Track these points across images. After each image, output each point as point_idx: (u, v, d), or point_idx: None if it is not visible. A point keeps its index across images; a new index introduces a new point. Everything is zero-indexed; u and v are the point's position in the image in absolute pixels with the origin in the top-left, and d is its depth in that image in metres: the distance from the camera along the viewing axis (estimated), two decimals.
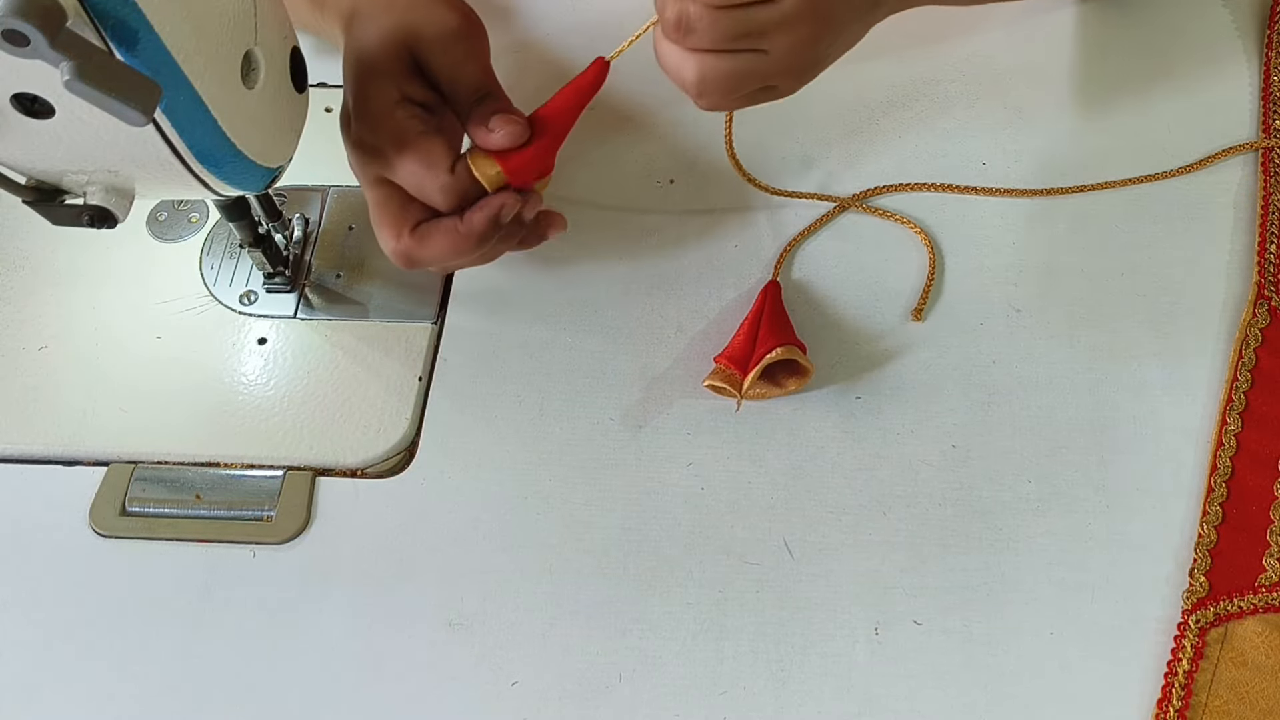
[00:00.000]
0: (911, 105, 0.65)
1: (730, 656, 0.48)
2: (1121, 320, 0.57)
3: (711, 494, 0.52)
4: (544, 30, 0.69)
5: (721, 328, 0.57)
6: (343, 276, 0.59)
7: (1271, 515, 0.51)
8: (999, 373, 0.55)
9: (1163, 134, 0.63)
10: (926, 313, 0.57)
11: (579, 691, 0.48)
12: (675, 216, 0.61)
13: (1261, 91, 0.64)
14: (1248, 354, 0.55)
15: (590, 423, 0.55)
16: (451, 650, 0.49)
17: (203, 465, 0.54)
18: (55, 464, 0.54)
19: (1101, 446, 0.53)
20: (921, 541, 0.51)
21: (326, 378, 0.56)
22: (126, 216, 0.46)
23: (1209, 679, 0.48)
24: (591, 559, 0.51)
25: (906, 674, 0.48)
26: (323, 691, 0.48)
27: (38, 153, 0.43)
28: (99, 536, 0.52)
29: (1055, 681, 0.47)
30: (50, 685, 0.49)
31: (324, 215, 0.61)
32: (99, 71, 0.35)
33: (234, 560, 0.51)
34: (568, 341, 0.57)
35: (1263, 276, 0.57)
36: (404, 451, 0.54)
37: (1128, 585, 0.49)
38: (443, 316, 0.58)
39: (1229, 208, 0.60)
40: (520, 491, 0.53)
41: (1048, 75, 0.65)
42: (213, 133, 0.43)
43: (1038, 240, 0.59)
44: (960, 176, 0.62)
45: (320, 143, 0.64)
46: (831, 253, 0.60)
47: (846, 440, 0.54)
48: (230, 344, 0.57)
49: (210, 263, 0.60)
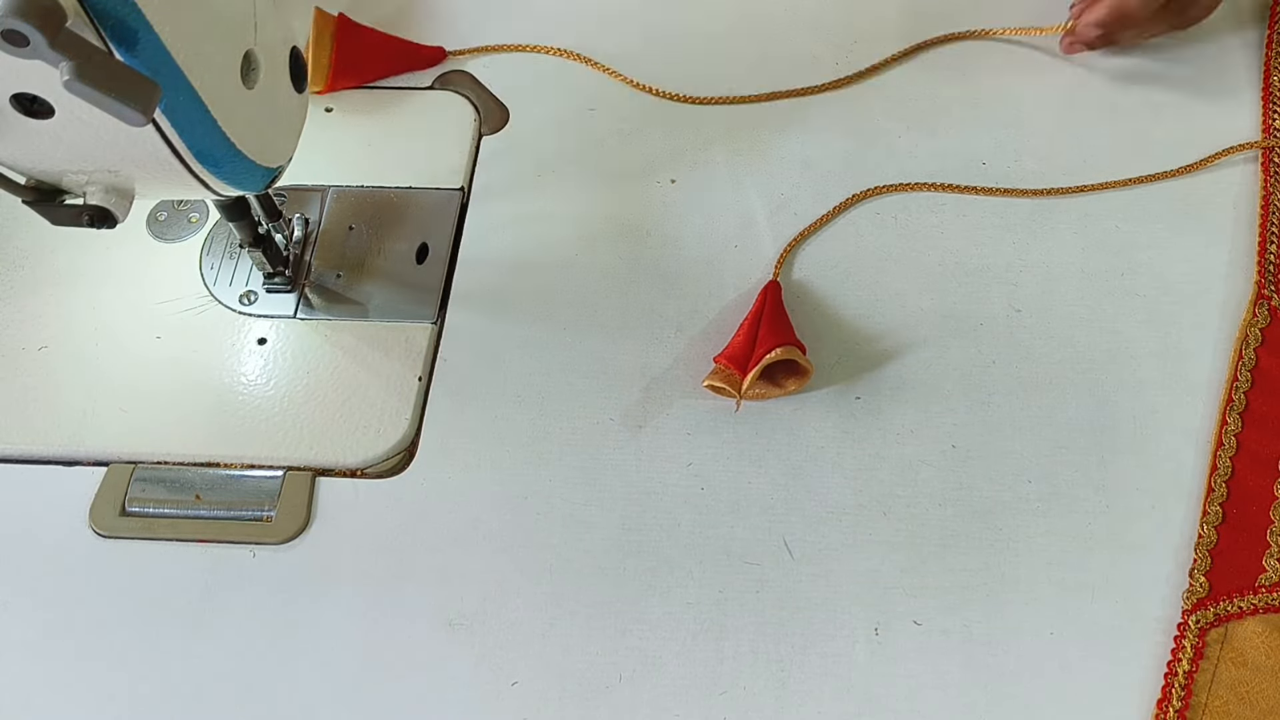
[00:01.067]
0: (911, 105, 0.65)
1: (730, 656, 0.48)
2: (1121, 320, 0.57)
3: (711, 494, 0.52)
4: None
5: (721, 328, 0.57)
6: (343, 276, 0.59)
7: (1271, 515, 0.51)
8: (999, 373, 0.55)
9: (1163, 134, 0.63)
10: (926, 312, 0.57)
11: (579, 691, 0.48)
12: (675, 216, 0.61)
13: (1261, 91, 0.64)
14: (1248, 354, 0.55)
15: (590, 423, 0.55)
16: (451, 650, 0.49)
17: (203, 465, 0.54)
18: (55, 464, 0.54)
19: (1101, 446, 0.53)
20: (921, 541, 0.51)
21: (326, 378, 0.56)
22: (126, 216, 0.46)
23: (1209, 679, 0.48)
24: (591, 559, 0.51)
25: (906, 674, 0.48)
26: (323, 691, 0.48)
27: (38, 153, 0.43)
28: (99, 536, 0.52)
29: (1055, 681, 0.47)
30: (50, 685, 0.49)
31: (324, 215, 0.61)
32: (99, 71, 0.35)
33: (234, 560, 0.51)
34: (568, 341, 0.57)
35: (1263, 276, 0.58)
36: (404, 451, 0.54)
37: (1128, 585, 0.49)
38: (443, 316, 0.58)
39: (1229, 208, 0.60)
40: (520, 491, 0.53)
41: (1048, 75, 0.65)
42: (212, 133, 0.43)
43: (1038, 240, 0.59)
44: (960, 176, 0.62)
45: (320, 143, 0.64)
46: (831, 253, 0.60)
47: (846, 440, 0.54)
48: (230, 344, 0.57)
49: (210, 263, 0.60)
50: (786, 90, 0.65)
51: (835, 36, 0.68)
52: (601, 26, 0.69)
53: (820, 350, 0.56)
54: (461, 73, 0.67)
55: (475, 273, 0.59)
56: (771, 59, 0.67)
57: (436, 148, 0.64)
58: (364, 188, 0.62)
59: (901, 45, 0.67)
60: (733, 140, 0.64)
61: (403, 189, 0.62)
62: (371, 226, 0.61)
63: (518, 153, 0.64)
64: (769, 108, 0.65)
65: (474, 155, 0.64)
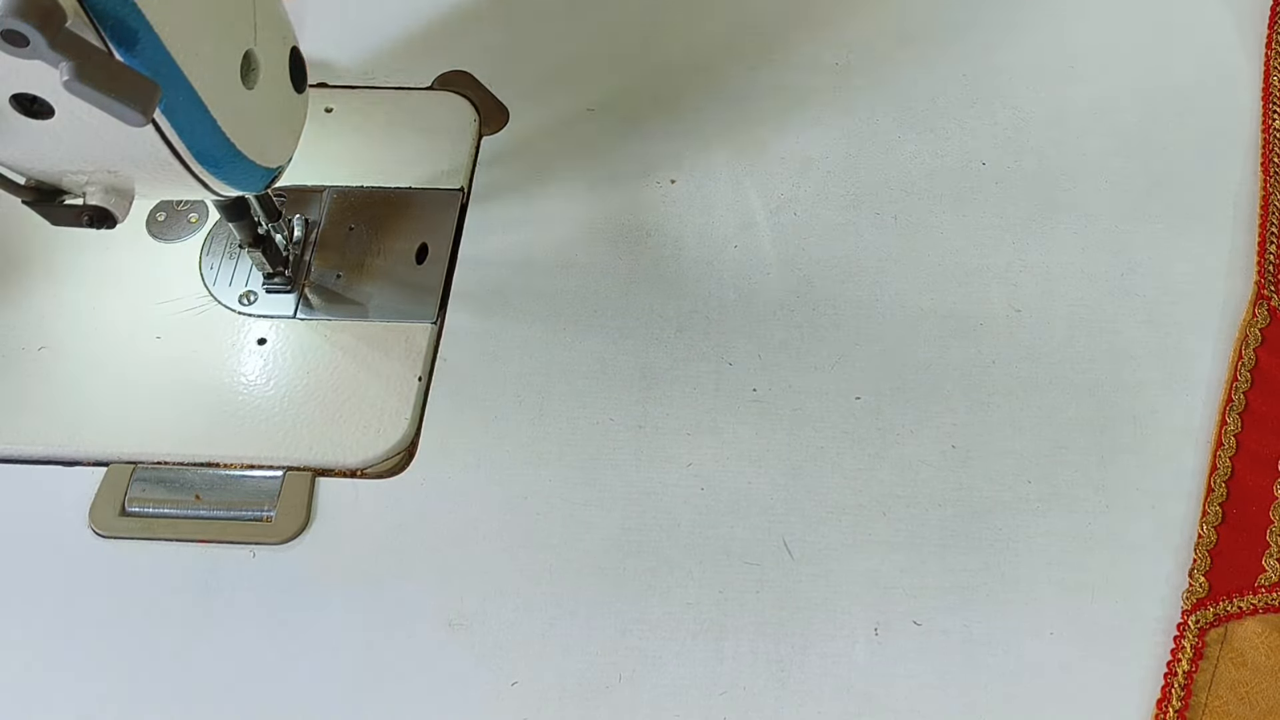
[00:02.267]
0: (911, 105, 0.65)
1: (730, 656, 0.48)
2: (1121, 320, 0.57)
3: (711, 494, 0.52)
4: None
5: (722, 327, 0.57)
6: (343, 276, 0.59)
7: (1271, 515, 0.51)
8: (999, 373, 0.55)
9: (1163, 134, 0.63)
10: (926, 312, 0.57)
11: (579, 691, 0.48)
12: (675, 216, 0.61)
13: (1261, 91, 0.64)
14: (1248, 354, 0.55)
15: (590, 423, 0.55)
16: (451, 650, 0.49)
17: (202, 465, 0.54)
18: (55, 464, 0.54)
19: (1101, 446, 0.53)
20: (921, 541, 0.51)
21: (326, 378, 0.56)
22: (126, 216, 0.46)
23: (1209, 679, 0.48)
24: (591, 559, 0.51)
25: (906, 674, 0.48)
26: (323, 691, 0.48)
27: (37, 153, 0.43)
28: (99, 537, 0.52)
29: (1055, 681, 0.47)
30: (50, 685, 0.49)
31: (324, 215, 0.61)
32: (98, 72, 0.35)
33: (234, 560, 0.51)
34: (568, 341, 0.57)
35: (1263, 276, 0.57)
36: (404, 451, 0.54)
37: (1128, 585, 0.49)
38: (443, 316, 0.58)
39: (1229, 207, 0.60)
40: (520, 491, 0.53)
41: (1048, 75, 0.65)
42: (212, 133, 0.43)
43: (1038, 240, 0.59)
44: (960, 176, 0.62)
45: (320, 143, 0.64)
46: (831, 253, 0.59)
47: (846, 440, 0.54)
48: (230, 344, 0.57)
49: (210, 263, 0.60)
50: (787, 90, 0.65)
51: (835, 36, 0.68)
52: (602, 26, 0.69)
53: (820, 350, 0.56)
54: (461, 73, 0.67)
55: (475, 273, 0.59)
56: (772, 59, 0.67)
57: (436, 148, 0.64)
58: (364, 188, 0.62)
59: (901, 45, 0.67)
60: (733, 140, 0.64)
61: (403, 189, 0.62)
62: (371, 226, 0.61)
63: (518, 153, 0.64)
64: (769, 107, 0.65)
65: (474, 155, 0.64)
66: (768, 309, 0.58)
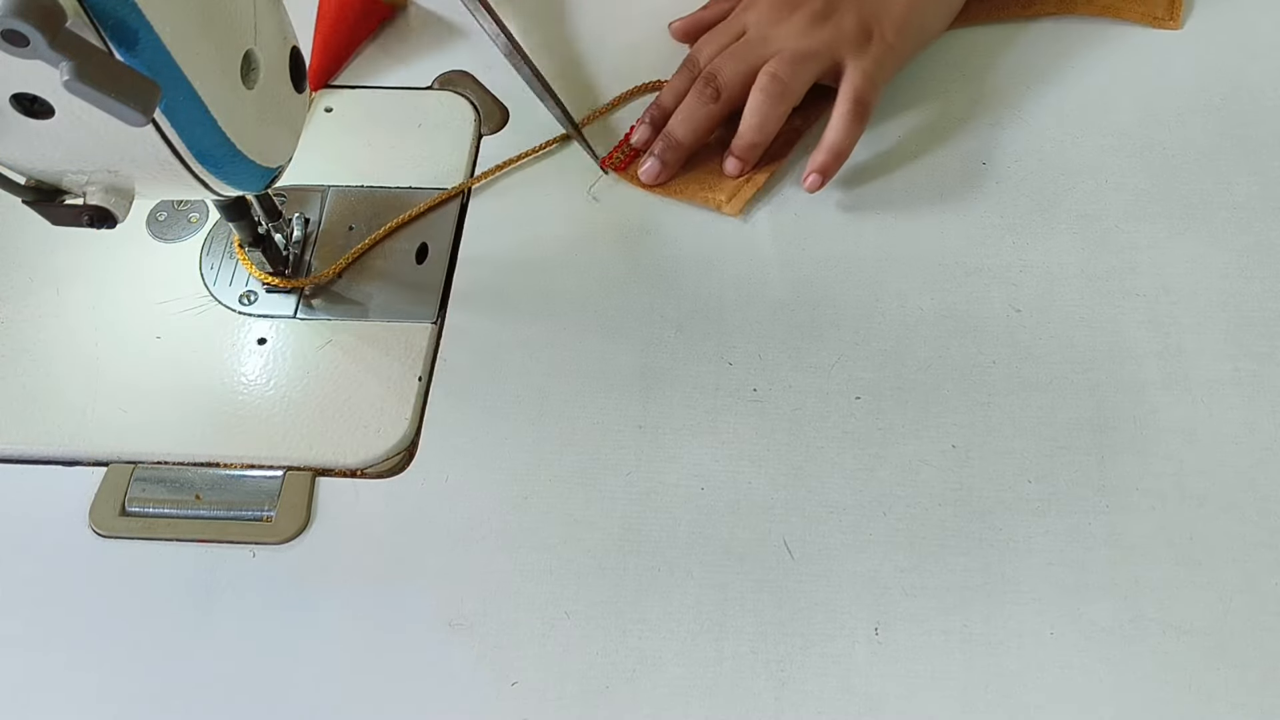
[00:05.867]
0: (911, 106, 0.65)
1: (730, 656, 0.48)
2: (1121, 320, 0.56)
3: (711, 494, 0.52)
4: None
5: (722, 327, 0.57)
6: (343, 276, 0.59)
7: None
8: (999, 373, 0.55)
9: (1162, 133, 0.63)
10: (926, 312, 0.57)
11: (579, 691, 0.48)
12: (674, 217, 0.61)
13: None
14: None
15: (590, 423, 0.55)
16: (451, 650, 0.49)
17: (203, 465, 0.54)
18: (55, 464, 0.54)
19: (1101, 446, 0.53)
20: (921, 541, 0.51)
21: (326, 378, 0.56)
22: (126, 216, 0.46)
23: None
24: (591, 559, 0.51)
25: (906, 674, 0.48)
26: (322, 691, 0.48)
27: (37, 153, 0.43)
28: (99, 536, 0.52)
29: (1055, 681, 0.47)
30: (49, 685, 0.49)
31: (324, 215, 0.61)
32: (98, 72, 0.35)
33: (234, 560, 0.51)
34: (568, 341, 0.57)
35: None
36: (404, 451, 0.54)
37: (1128, 585, 0.49)
38: (443, 316, 0.58)
39: (1229, 208, 0.60)
40: (520, 491, 0.53)
41: (1048, 75, 0.65)
42: (212, 133, 0.43)
43: (1038, 240, 0.59)
44: (960, 176, 0.62)
45: (320, 143, 0.64)
46: (831, 253, 0.59)
47: (846, 440, 0.54)
48: (230, 344, 0.57)
49: (210, 263, 0.60)
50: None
51: None
52: (601, 26, 0.69)
53: (820, 350, 0.56)
54: (461, 73, 0.67)
55: (475, 273, 0.59)
56: None
57: (436, 148, 0.64)
58: (364, 188, 0.62)
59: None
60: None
61: (403, 189, 0.62)
62: (371, 226, 0.61)
63: (518, 153, 0.63)
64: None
65: (474, 155, 0.64)
66: (768, 309, 0.58)
